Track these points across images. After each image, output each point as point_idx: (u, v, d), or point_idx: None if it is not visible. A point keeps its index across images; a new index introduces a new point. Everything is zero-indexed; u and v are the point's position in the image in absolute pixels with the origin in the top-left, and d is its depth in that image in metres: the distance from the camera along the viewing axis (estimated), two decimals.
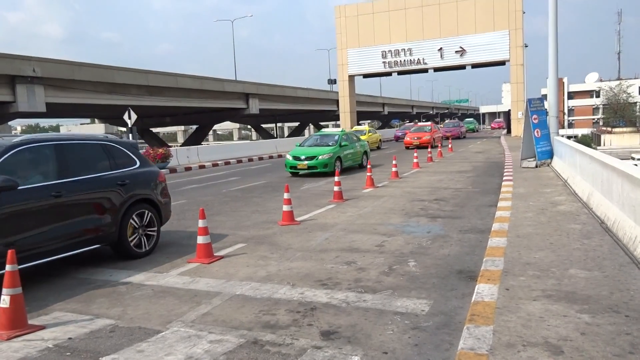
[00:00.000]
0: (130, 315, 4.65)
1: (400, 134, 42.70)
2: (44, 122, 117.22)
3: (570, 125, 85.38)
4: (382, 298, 4.78)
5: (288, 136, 76.75)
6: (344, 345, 3.80)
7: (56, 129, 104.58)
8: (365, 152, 19.05)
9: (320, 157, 16.09)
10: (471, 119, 72.99)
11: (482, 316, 3.87)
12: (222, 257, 6.55)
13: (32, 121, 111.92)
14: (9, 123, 32.97)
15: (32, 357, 3.83)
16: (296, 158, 16.52)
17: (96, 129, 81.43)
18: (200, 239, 6.48)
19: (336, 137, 17.43)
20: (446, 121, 54.29)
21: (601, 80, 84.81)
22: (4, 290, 4.24)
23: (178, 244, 7.56)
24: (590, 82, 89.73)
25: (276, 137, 62.95)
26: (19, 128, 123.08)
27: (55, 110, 33.72)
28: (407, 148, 29.09)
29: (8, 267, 4.25)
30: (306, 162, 16.19)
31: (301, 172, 16.51)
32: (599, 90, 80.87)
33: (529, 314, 3.88)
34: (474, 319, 3.83)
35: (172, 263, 6.43)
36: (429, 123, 35.34)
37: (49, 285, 5.76)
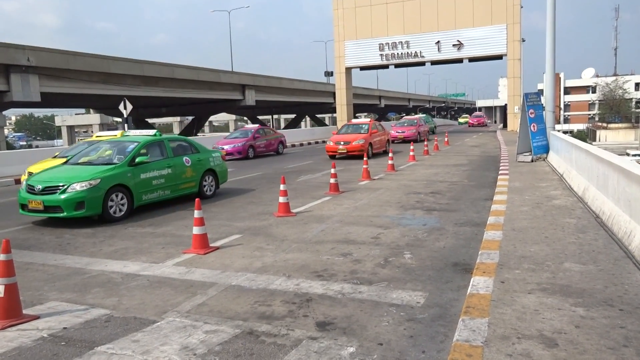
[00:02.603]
0: (126, 305, 4.64)
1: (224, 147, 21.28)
2: (39, 112, 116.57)
3: (566, 121, 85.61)
4: (377, 290, 4.79)
5: (284, 128, 76.60)
6: (339, 336, 3.80)
7: (51, 119, 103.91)
8: (212, 171, 11.12)
9: (70, 189, 8.29)
10: (424, 115, 49.53)
11: (477, 308, 3.88)
12: (217, 248, 6.54)
13: (27, 111, 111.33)
14: (4, 113, 32.70)
15: (27, 347, 3.82)
16: (31, 190, 8.59)
17: (91, 119, 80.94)
18: (196, 230, 6.47)
19: (131, 148, 9.58)
20: (402, 118, 36.88)
21: (597, 76, 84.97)
22: None
23: (173, 234, 7.54)
24: (587, 77, 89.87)
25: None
26: (13, 118, 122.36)
27: (50, 100, 33.48)
28: (332, 157, 19.55)
29: (2, 257, 4.23)
30: (42, 198, 8.35)
31: (44, 215, 8.64)
32: (595, 86, 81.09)
33: (523, 306, 3.90)
34: (469, 311, 3.84)
35: (168, 253, 6.42)
36: (367, 120, 22.16)
37: (43, 275, 5.73)
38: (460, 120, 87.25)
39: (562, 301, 3.98)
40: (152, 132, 10.71)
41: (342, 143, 19.42)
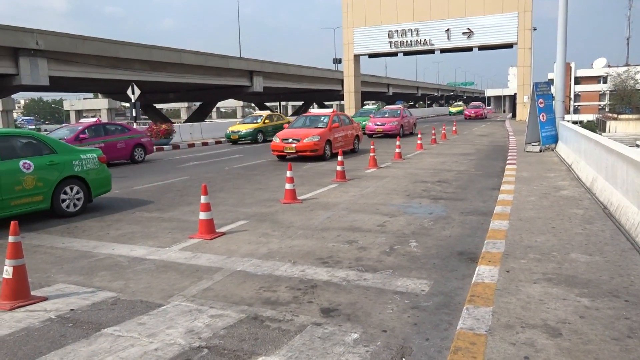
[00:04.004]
0: (132, 289, 4.68)
1: None
2: (47, 96, 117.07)
3: (576, 111, 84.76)
4: (382, 277, 4.80)
5: (292, 115, 76.45)
6: (343, 322, 3.82)
7: (59, 103, 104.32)
8: (80, 179, 8.08)
9: None
10: (374, 105, 41.49)
11: (482, 297, 3.88)
12: (223, 234, 6.57)
13: (35, 94, 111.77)
14: (12, 96, 32.88)
15: (35, 328, 3.87)
16: None
17: (99, 103, 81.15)
18: (202, 215, 6.50)
19: None
20: (386, 107, 29.71)
21: (609, 66, 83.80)
22: (7, 261, 4.27)
23: (180, 219, 7.58)
24: (598, 67, 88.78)
25: None
26: (22, 101, 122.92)
27: (58, 84, 33.59)
28: (281, 158, 15.57)
29: (11, 239, 4.27)
30: None
31: None
32: (607, 76, 79.96)
33: (528, 296, 3.89)
34: (474, 299, 3.84)
35: (174, 238, 6.46)
36: (329, 111, 17.45)
37: (51, 257, 5.79)
38: (452, 109, 65.23)
39: (567, 291, 3.97)
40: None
41: (290, 140, 15.11)
